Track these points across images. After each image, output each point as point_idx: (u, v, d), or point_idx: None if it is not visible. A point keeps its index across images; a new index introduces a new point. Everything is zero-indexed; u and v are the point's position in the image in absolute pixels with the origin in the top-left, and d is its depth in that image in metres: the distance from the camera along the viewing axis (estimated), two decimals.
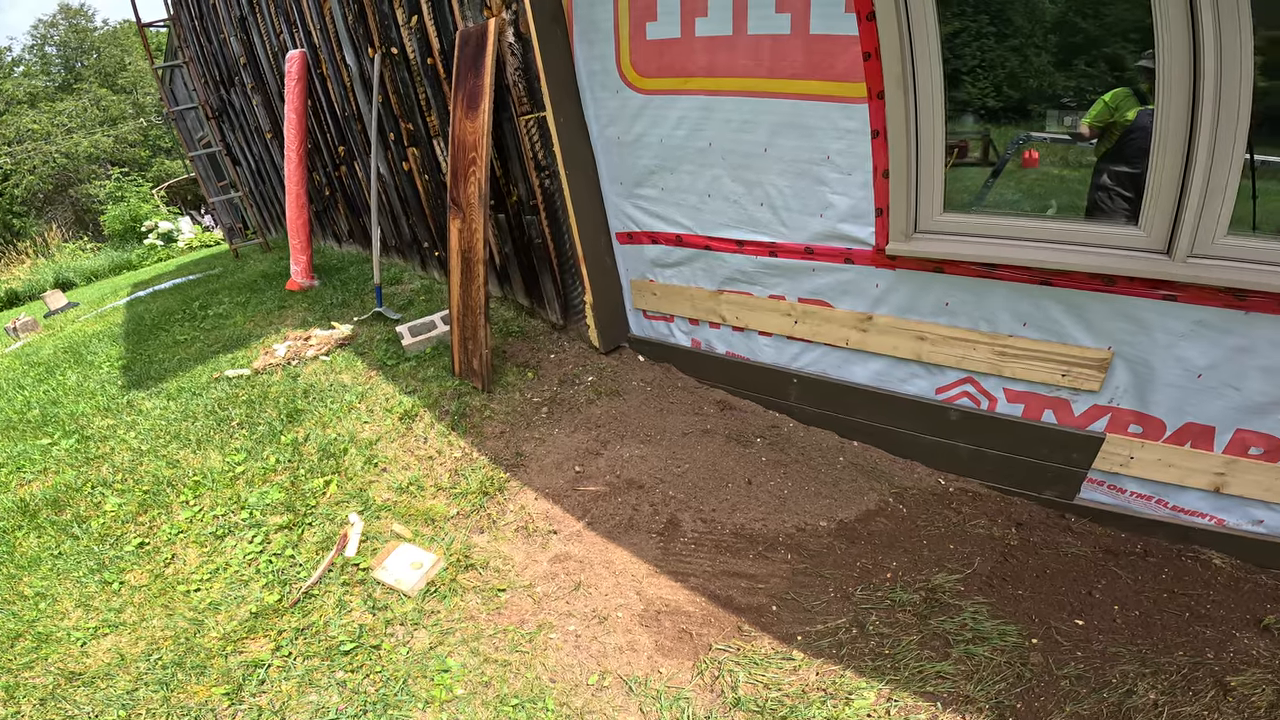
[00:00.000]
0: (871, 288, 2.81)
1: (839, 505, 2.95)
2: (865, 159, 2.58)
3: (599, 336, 3.91)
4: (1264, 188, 3.38)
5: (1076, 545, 2.72)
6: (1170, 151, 2.09)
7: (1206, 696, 2.16)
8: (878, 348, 2.93)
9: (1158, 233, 2.19)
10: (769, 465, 3.20)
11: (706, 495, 3.02)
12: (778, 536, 2.79)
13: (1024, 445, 2.78)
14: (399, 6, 4.13)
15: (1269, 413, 2.26)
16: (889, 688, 2.17)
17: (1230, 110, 1.97)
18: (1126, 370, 2.43)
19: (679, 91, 2.97)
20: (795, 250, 2.94)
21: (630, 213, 3.48)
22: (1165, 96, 2.04)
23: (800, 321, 3.11)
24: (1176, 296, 2.22)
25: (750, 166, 2.91)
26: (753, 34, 2.67)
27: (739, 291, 3.27)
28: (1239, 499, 2.47)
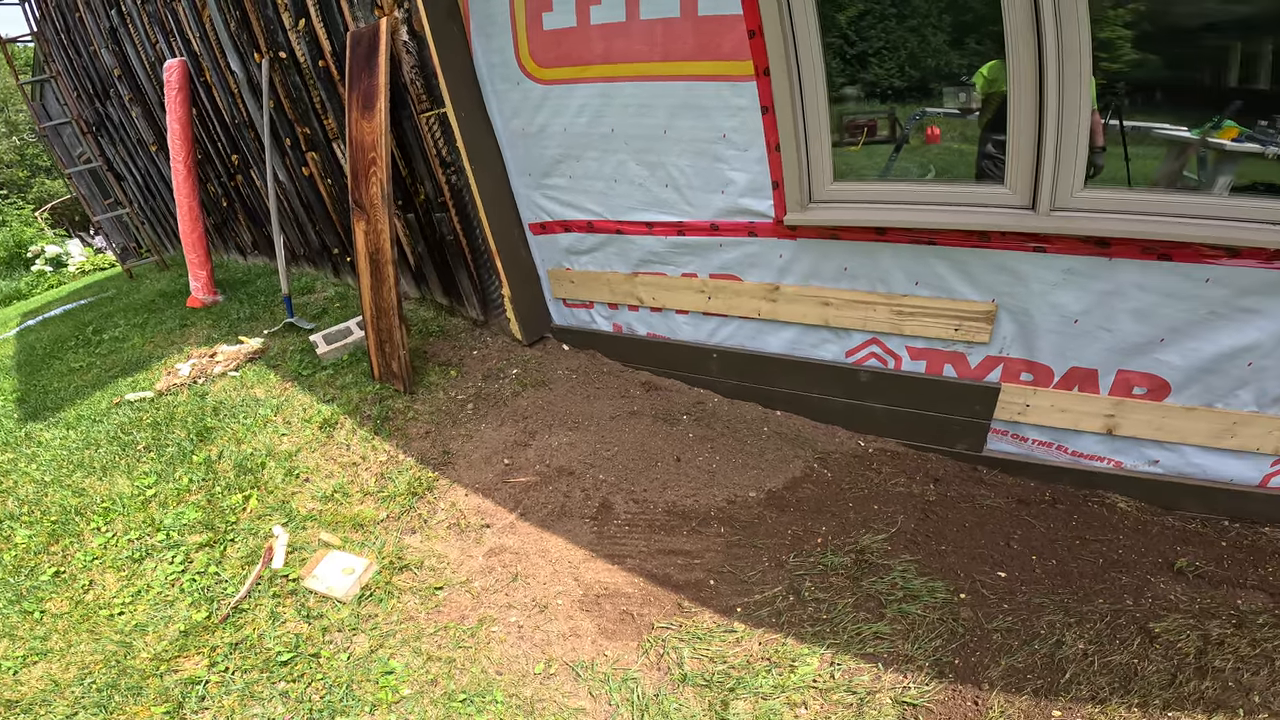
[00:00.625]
0: (776, 258, 2.94)
1: (767, 475, 3.07)
2: (758, 134, 2.70)
3: (520, 329, 3.93)
4: (1136, 152, 3.72)
5: (991, 497, 2.90)
6: (1024, 114, 2.28)
7: (1133, 644, 2.29)
8: (788, 316, 3.07)
9: (1022, 189, 2.39)
10: (696, 441, 3.29)
11: (637, 476, 3.09)
12: (709, 511, 2.88)
13: (931, 401, 2.96)
14: (285, 10, 4.02)
15: (1145, 352, 2.49)
16: (830, 652, 2.26)
17: (1073, 80, 2.17)
18: (1011, 321, 2.64)
19: (578, 80, 3.02)
20: (702, 228, 3.05)
21: (541, 203, 3.52)
22: (1015, 68, 2.23)
23: (713, 297, 3.22)
24: (1046, 248, 2.42)
25: (652, 149, 2.99)
26: (645, 19, 2.74)
27: (653, 273, 3.36)
28: (1132, 440, 2.69)
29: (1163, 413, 2.57)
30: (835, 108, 2.94)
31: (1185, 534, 2.70)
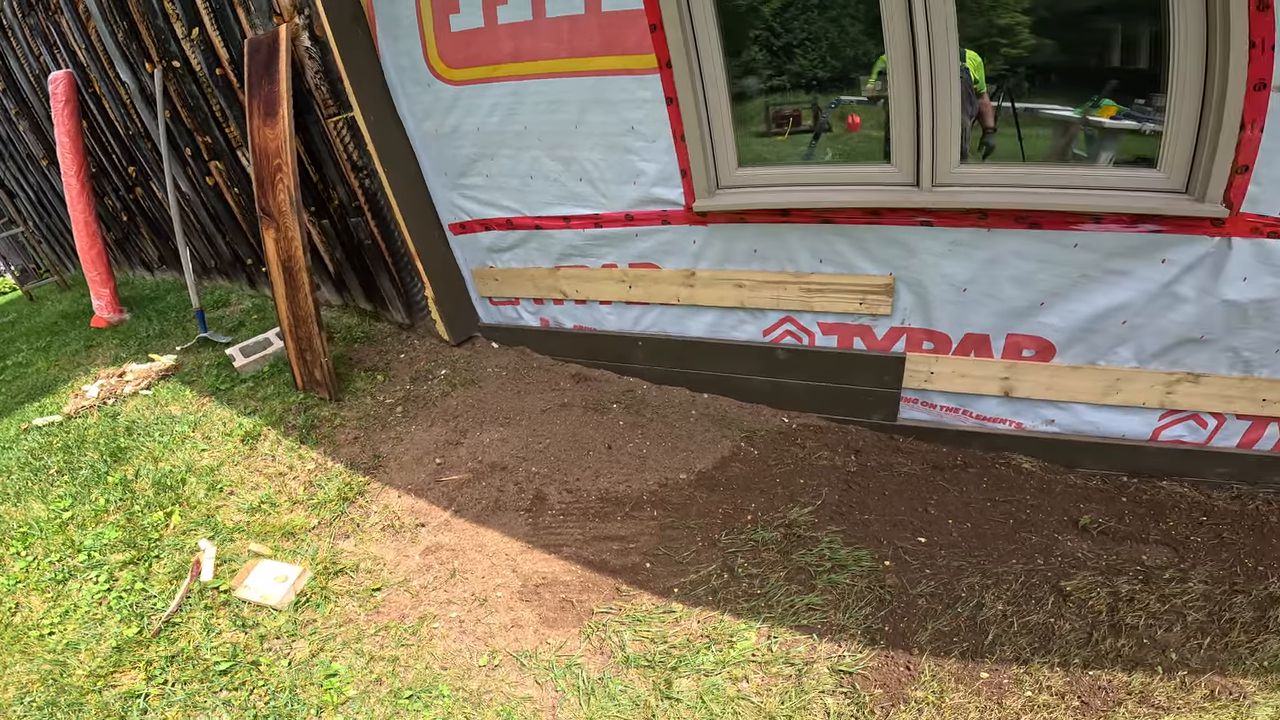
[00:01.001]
0: (690, 245, 3.06)
1: (696, 457, 3.17)
2: (664, 125, 2.80)
3: (448, 330, 3.94)
4: (1028, 132, 3.97)
5: (908, 464, 3.06)
6: (902, 99, 2.45)
7: (1048, 603, 2.41)
8: (706, 300, 3.19)
9: (906, 167, 2.56)
10: (627, 428, 3.38)
11: (570, 466, 3.15)
12: (642, 495, 2.96)
13: (845, 374, 3.12)
14: (176, 20, 3.91)
15: (1029, 316, 2.69)
16: (766, 626, 2.34)
17: (943, 68, 2.36)
18: (908, 292, 2.82)
19: (489, 79, 3.06)
20: (617, 219, 3.13)
21: (459, 203, 3.54)
22: (893, 58, 2.41)
23: (634, 286, 3.31)
24: (932, 221, 2.60)
25: (565, 144, 3.06)
26: (552, 17, 2.80)
27: (575, 266, 3.43)
28: (1028, 401, 2.89)
29: (1052, 373, 2.78)
30: (752, 100, 3.10)
31: (1087, 491, 2.89)
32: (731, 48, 2.90)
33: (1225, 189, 2.20)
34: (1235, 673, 2.18)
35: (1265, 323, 2.38)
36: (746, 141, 3.85)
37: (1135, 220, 2.35)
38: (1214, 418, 2.69)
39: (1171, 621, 2.33)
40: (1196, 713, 2.08)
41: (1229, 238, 2.27)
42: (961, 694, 2.14)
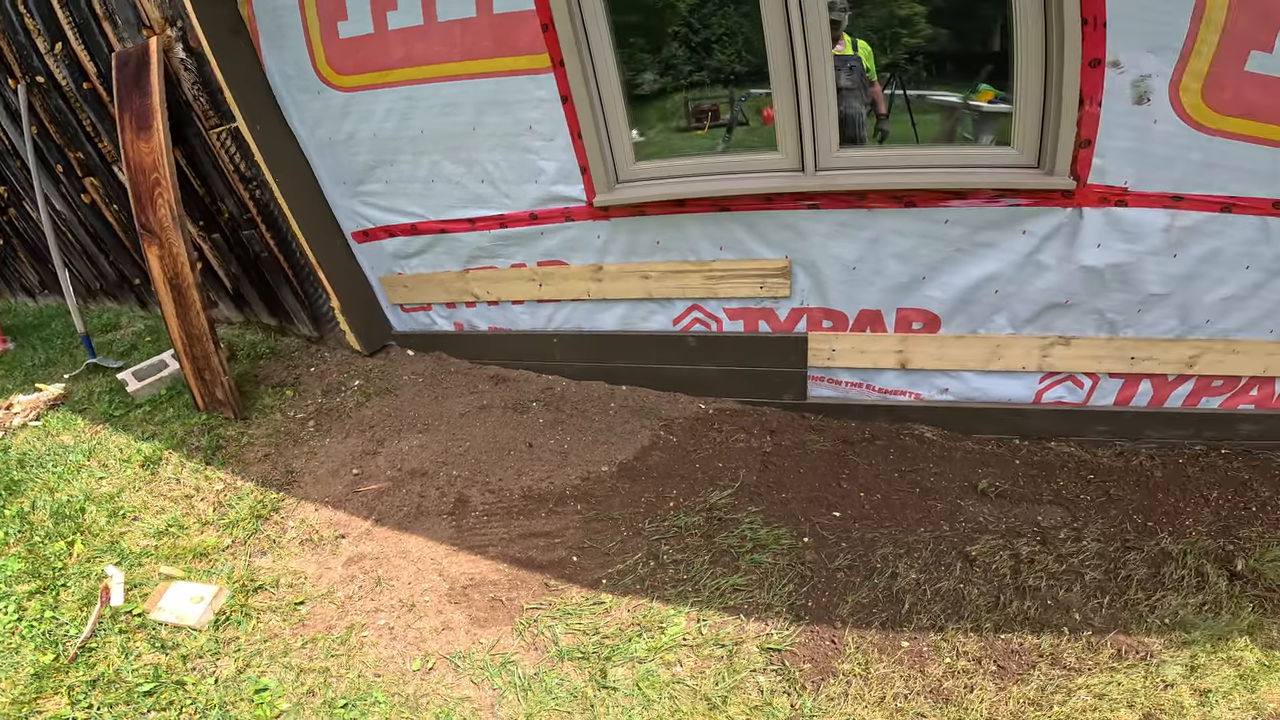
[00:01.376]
0: (595, 240, 3.11)
1: (617, 448, 3.22)
2: (561, 124, 2.85)
3: (359, 340, 3.87)
4: (921, 118, 4.18)
5: (820, 441, 3.18)
6: (783, 89, 2.57)
7: (956, 569, 2.54)
8: (615, 294, 3.26)
9: (792, 154, 2.69)
10: (547, 426, 3.41)
11: (491, 467, 3.16)
12: (565, 491, 2.99)
13: (754, 356, 3.25)
14: (38, 35, 3.70)
15: (913, 290, 2.86)
16: (695, 609, 2.39)
17: (818, 59, 2.49)
18: (804, 274, 2.96)
19: (382, 85, 3.02)
20: (522, 218, 3.16)
21: (361, 210, 3.48)
22: (773, 53, 2.52)
23: (544, 284, 3.35)
24: (819, 204, 2.74)
25: (464, 147, 3.06)
26: (443, 21, 2.80)
27: (484, 267, 3.43)
28: (923, 372, 3.08)
29: (939, 343, 2.98)
30: (671, 96, 3.16)
31: (984, 456, 3.07)
32: (633, 45, 3.00)
33: (1072, 162, 2.42)
34: (1139, 631, 2.34)
35: (1123, 285, 2.63)
36: (667, 136, 3.98)
37: (997, 195, 2.55)
38: (1089, 378, 2.94)
39: (1071, 581, 2.49)
40: (1107, 673, 2.21)
41: (1080, 208, 2.50)
42: (885, 664, 2.24)
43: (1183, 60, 2.20)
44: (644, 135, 3.91)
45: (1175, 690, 2.14)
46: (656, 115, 3.99)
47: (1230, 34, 2.13)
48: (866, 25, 4.03)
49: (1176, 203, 2.40)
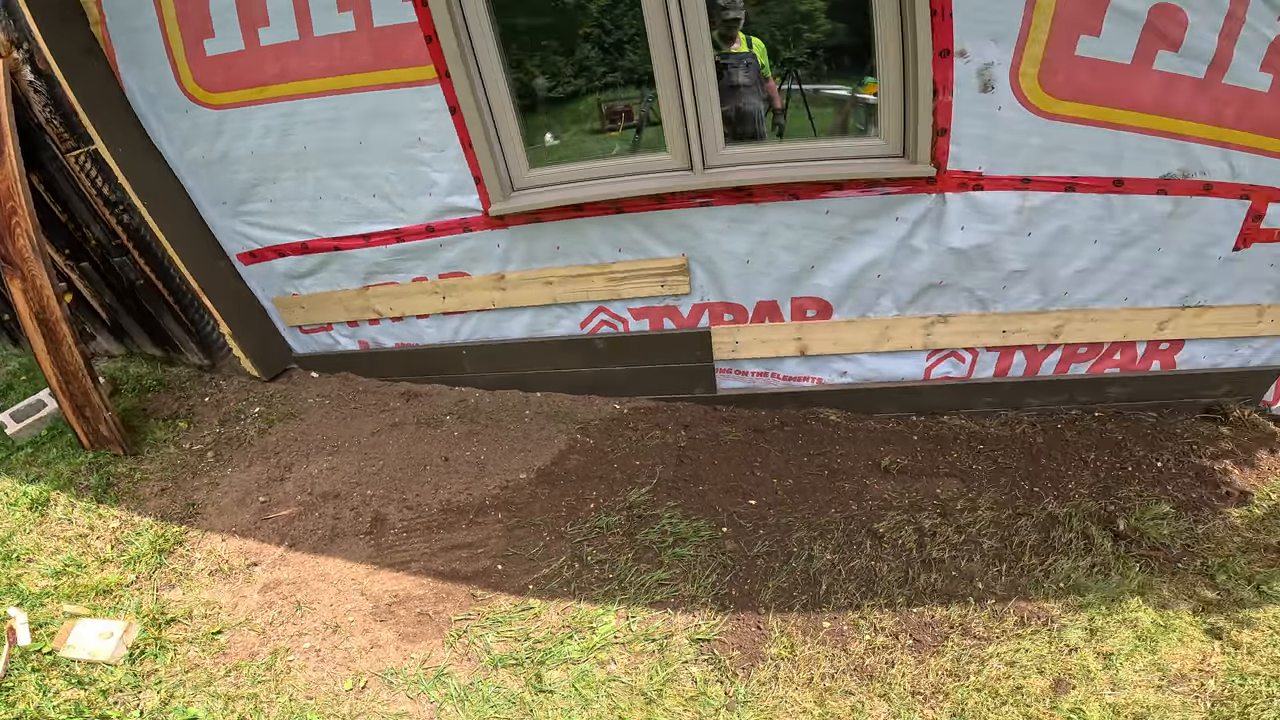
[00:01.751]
0: (495, 249, 3.11)
1: (535, 455, 3.22)
2: (451, 134, 2.83)
3: (256, 365, 3.73)
4: (817, 111, 4.34)
5: (732, 432, 3.27)
6: (669, 91, 2.64)
7: (866, 547, 2.65)
8: (520, 301, 3.26)
9: (680, 153, 2.77)
10: (462, 438, 3.38)
11: (407, 484, 3.10)
12: (484, 501, 2.97)
13: (662, 354, 3.31)
14: None
15: (804, 280, 2.99)
16: (623, 607, 2.42)
17: (700, 61, 2.57)
18: (701, 270, 3.04)
19: (257, 101, 2.92)
20: (418, 231, 3.12)
21: (245, 231, 3.35)
22: (658, 57, 2.58)
23: (447, 296, 3.32)
24: (710, 202, 2.83)
25: (351, 162, 2.99)
26: (320, 35, 2.72)
27: (384, 283, 3.37)
28: (822, 357, 3.21)
29: (833, 329, 3.12)
30: (578, 100, 3.17)
31: (886, 434, 3.23)
32: (544, 48, 3.01)
33: (931, 150, 2.59)
34: (1038, 597, 2.50)
35: (987, 264, 2.83)
36: (582, 138, 4.01)
37: (869, 184, 2.71)
38: (969, 353, 3.15)
39: (971, 551, 2.64)
40: (1014, 640, 2.34)
41: (943, 193, 2.68)
42: (810, 645, 2.33)
43: (1020, 47, 2.39)
44: (559, 138, 3.96)
45: (1080, 654, 2.29)
46: (571, 117, 4.04)
47: (1061, 19, 2.32)
48: (771, 22, 4.19)
49: (1026, 185, 2.61)
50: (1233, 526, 2.80)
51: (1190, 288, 2.81)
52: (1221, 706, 2.13)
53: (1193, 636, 2.36)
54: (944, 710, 2.14)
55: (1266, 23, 2.27)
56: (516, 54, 3.14)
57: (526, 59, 3.31)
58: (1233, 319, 2.87)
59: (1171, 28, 2.29)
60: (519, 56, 3.14)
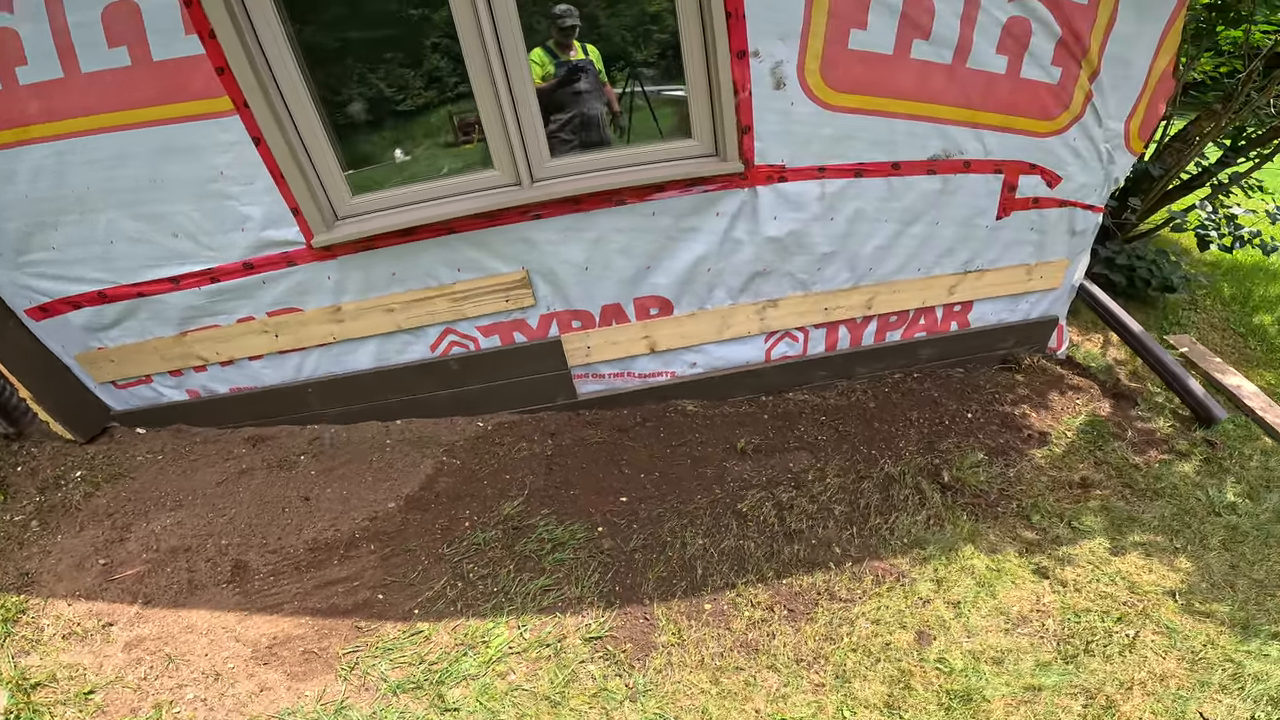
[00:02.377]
0: (326, 281, 2.94)
1: (401, 483, 3.09)
2: (258, 166, 2.64)
3: (69, 428, 3.31)
4: (662, 111, 4.32)
5: (597, 434, 3.28)
6: (487, 106, 2.60)
7: (733, 528, 2.74)
8: (363, 331, 3.10)
9: (507, 169, 2.74)
10: (321, 476, 3.18)
11: (266, 528, 2.90)
12: (353, 535, 2.83)
13: (518, 367, 3.27)
14: None
15: (642, 280, 3.05)
16: (513, 617, 2.41)
17: (517, 73, 2.54)
18: (543, 281, 3.03)
19: (21, 143, 2.57)
20: (235, 270, 2.89)
21: (30, 284, 2.95)
22: (472, 71, 2.53)
23: (280, 334, 3.10)
24: (542, 214, 2.82)
25: (145, 201, 2.70)
26: (90, 72, 2.44)
27: (205, 327, 3.09)
28: (671, 351, 3.28)
29: (677, 324, 3.22)
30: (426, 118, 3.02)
31: (739, 417, 3.36)
32: (387, 61, 2.85)
33: (739, 147, 2.72)
34: (888, 554, 2.69)
35: (801, 249, 3.01)
36: (434, 152, 3.83)
37: (689, 184, 2.81)
38: (800, 332, 3.34)
39: (825, 518, 2.81)
40: (874, 599, 2.51)
41: (754, 187, 2.82)
42: (696, 628, 2.40)
43: (803, 44, 2.55)
44: (410, 154, 3.78)
45: (933, 605, 2.49)
46: (423, 131, 3.87)
47: (835, 15, 2.51)
48: (615, 26, 4.21)
49: (822, 173, 2.80)
50: (1038, 467, 3.15)
51: (969, 255, 3.13)
52: (1066, 645, 2.36)
53: (1024, 578, 2.62)
54: (827, 673, 2.27)
55: (999, 5, 2.55)
56: (340, 73, 2.98)
57: (355, 76, 3.14)
58: (1008, 279, 3.23)
59: (923, 16, 2.52)
60: (344, 75, 2.97)
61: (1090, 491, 3.03)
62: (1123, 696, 2.19)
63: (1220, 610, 2.50)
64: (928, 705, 2.16)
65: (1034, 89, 2.74)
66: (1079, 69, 2.73)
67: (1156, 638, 2.39)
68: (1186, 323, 4.60)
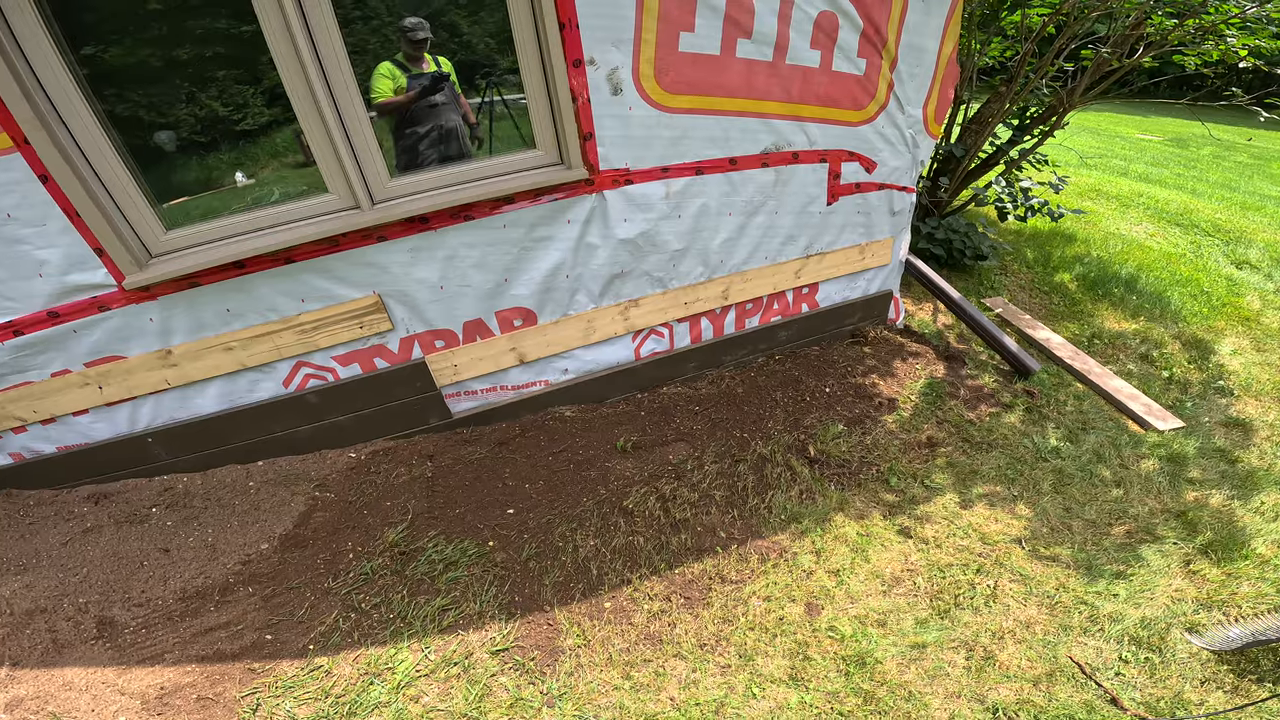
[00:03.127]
0: (148, 324, 2.63)
1: (272, 523, 2.87)
2: (49, 205, 2.31)
3: None
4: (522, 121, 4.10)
5: (478, 451, 3.16)
6: (314, 129, 2.42)
7: (622, 525, 2.71)
8: (202, 374, 2.82)
9: (344, 192, 2.57)
10: (180, 525, 2.88)
11: (126, 583, 2.63)
12: (227, 580, 2.62)
13: (384, 394, 3.08)
14: None
15: (502, 293, 2.95)
16: (415, 640, 2.31)
17: (342, 91, 2.38)
18: (398, 304, 2.87)
19: None
20: (39, 320, 2.52)
21: None
22: (293, 96, 2.35)
23: (105, 385, 2.76)
24: (386, 236, 2.67)
25: None
26: None
27: (14, 385, 2.69)
28: (541, 360, 3.19)
29: (543, 333, 3.14)
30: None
31: (617, 417, 3.35)
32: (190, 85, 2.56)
33: (582, 154, 2.69)
34: (769, 532, 2.74)
35: (654, 248, 3.03)
36: (283, 173, 3.46)
37: (538, 194, 2.75)
38: (665, 328, 3.36)
39: (708, 505, 2.84)
40: (762, 577, 2.55)
41: (602, 192, 2.80)
42: (599, 627, 2.37)
43: (637, 50, 2.55)
44: (251, 176, 3.41)
45: (816, 577, 2.57)
46: (268, 152, 3.51)
47: (664, 19, 2.52)
48: (483, 31, 3.96)
49: (666, 173, 2.82)
50: (890, 431, 3.34)
51: (808, 240, 3.27)
52: (938, 601, 2.49)
53: (891, 540, 2.75)
54: (731, 654, 2.30)
55: (810, 1, 2.65)
56: (164, 95, 2.66)
57: (184, 97, 2.80)
58: (844, 260, 3.40)
59: (744, 16, 2.59)
60: (168, 97, 2.65)
61: (936, 450, 3.25)
62: (997, 646, 2.34)
63: (1064, 554, 2.74)
64: (828, 673, 2.24)
65: (845, 81, 2.88)
66: (880, 59, 2.90)
67: (1014, 585, 2.58)
68: (999, 286, 5.06)
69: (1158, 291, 5.01)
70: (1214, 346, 4.36)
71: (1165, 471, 3.21)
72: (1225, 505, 3.01)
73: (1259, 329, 4.62)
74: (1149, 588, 2.59)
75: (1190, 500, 3.05)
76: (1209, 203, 8.25)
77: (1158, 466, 3.25)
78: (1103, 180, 8.89)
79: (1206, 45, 4.13)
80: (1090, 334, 4.44)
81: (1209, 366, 4.14)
